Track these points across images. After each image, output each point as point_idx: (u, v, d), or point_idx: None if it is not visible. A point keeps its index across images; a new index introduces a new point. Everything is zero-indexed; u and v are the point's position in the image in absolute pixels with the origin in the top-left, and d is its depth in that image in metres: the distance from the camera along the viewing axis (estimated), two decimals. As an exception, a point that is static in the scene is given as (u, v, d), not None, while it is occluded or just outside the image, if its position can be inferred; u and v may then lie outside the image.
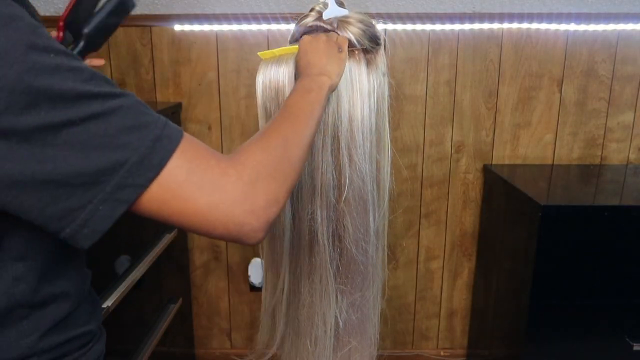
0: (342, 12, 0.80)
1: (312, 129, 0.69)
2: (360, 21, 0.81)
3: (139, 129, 0.51)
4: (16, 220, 0.50)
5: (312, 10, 0.83)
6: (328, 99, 0.80)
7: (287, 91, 0.84)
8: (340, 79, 0.79)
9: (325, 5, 0.80)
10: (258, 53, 0.89)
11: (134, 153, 0.49)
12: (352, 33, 0.80)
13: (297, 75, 0.80)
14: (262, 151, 0.60)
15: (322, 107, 0.74)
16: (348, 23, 0.80)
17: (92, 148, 0.48)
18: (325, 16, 0.80)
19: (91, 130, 0.48)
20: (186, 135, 0.54)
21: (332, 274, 0.85)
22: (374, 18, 0.84)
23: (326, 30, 0.81)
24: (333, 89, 0.78)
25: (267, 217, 0.56)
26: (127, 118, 0.50)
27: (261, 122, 0.89)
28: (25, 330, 0.59)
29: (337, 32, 0.81)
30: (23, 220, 0.50)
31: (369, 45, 0.81)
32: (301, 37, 0.84)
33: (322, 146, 0.81)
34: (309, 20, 0.82)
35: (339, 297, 0.88)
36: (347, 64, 0.80)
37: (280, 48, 0.84)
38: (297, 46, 0.81)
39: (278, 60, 0.84)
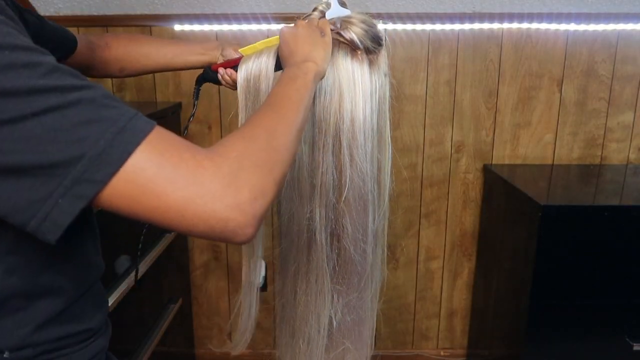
0: (345, 12, 0.80)
1: (300, 116, 0.66)
2: (363, 21, 0.81)
3: (98, 122, 0.48)
4: None
5: (314, 10, 0.83)
6: (328, 96, 0.80)
7: (267, 82, 0.83)
8: (327, 65, 0.77)
9: (328, 5, 0.80)
10: (239, 49, 0.87)
11: (91, 147, 0.47)
12: (354, 33, 0.80)
13: (283, 67, 0.78)
14: (244, 141, 0.57)
15: (309, 94, 0.71)
16: (351, 23, 0.80)
17: (48, 142, 0.47)
18: (328, 16, 0.80)
19: (47, 124, 0.47)
20: (157, 128, 0.52)
21: (328, 274, 0.85)
22: (375, 18, 0.84)
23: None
24: (321, 75, 0.75)
25: (253, 211, 0.52)
26: (86, 111, 0.49)
27: (241, 116, 0.88)
28: (21, 321, 0.59)
29: (340, 33, 0.80)
30: None
31: (371, 45, 0.81)
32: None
33: (323, 146, 0.81)
34: None
35: (335, 297, 0.88)
36: (349, 64, 0.80)
37: (261, 41, 0.83)
38: (277, 37, 0.80)
39: (259, 53, 0.82)
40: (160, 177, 0.49)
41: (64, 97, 0.48)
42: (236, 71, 0.87)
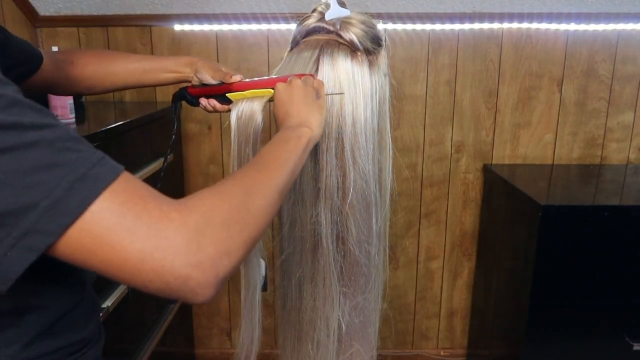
0: (344, 12, 0.79)
1: (284, 179, 0.63)
2: (363, 22, 0.81)
3: (56, 167, 0.44)
4: None
5: (314, 11, 0.82)
6: (329, 99, 0.80)
7: (260, 121, 0.81)
8: (322, 130, 0.75)
9: (327, 6, 0.79)
10: (227, 94, 0.84)
11: (46, 195, 0.43)
12: (354, 34, 0.79)
13: (277, 127, 0.77)
14: (217, 196, 0.54)
15: (300, 159, 0.68)
16: (350, 24, 0.80)
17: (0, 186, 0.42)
18: (327, 17, 0.79)
19: (0, 166, 0.42)
20: (124, 174, 0.48)
21: (335, 277, 0.85)
22: (375, 18, 0.83)
23: (329, 32, 0.81)
24: (315, 141, 0.73)
25: (215, 271, 0.48)
26: (45, 154, 0.44)
27: (233, 162, 0.86)
28: (8, 339, 0.57)
29: (340, 34, 0.80)
30: None
31: (371, 46, 0.80)
32: (302, 39, 0.83)
33: (327, 149, 0.80)
34: (312, 22, 0.82)
35: (342, 300, 0.88)
36: (349, 65, 0.79)
37: (251, 91, 0.80)
38: (270, 90, 0.78)
39: (250, 99, 0.81)
40: (119, 228, 0.45)
41: (20, 136, 0.43)
42: (218, 101, 0.86)
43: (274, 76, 0.82)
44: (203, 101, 0.89)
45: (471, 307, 2.15)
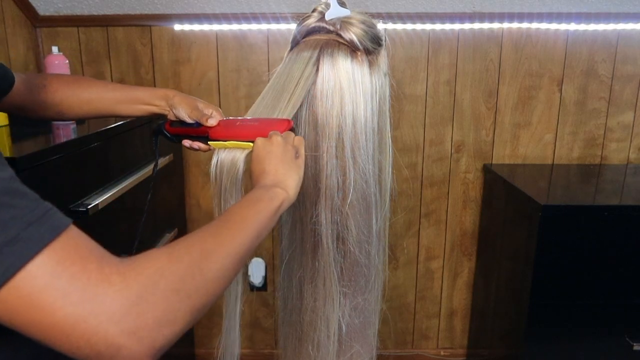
0: (345, 12, 0.79)
1: (248, 242, 0.59)
2: (363, 22, 0.80)
3: None
4: None
5: (314, 10, 0.82)
6: (330, 100, 0.79)
7: (241, 172, 0.76)
8: (297, 192, 0.71)
9: (327, 6, 0.79)
10: (209, 142, 0.80)
11: None
12: (354, 34, 0.79)
13: (252, 184, 0.73)
14: (169, 257, 0.49)
15: (269, 222, 0.64)
16: (350, 24, 0.79)
17: None
18: (327, 17, 0.79)
19: None
20: (68, 231, 0.45)
21: (336, 278, 0.85)
22: (375, 18, 0.83)
23: (329, 31, 0.80)
24: (288, 204, 0.69)
25: (153, 341, 0.45)
26: None
27: (215, 213, 0.80)
28: None
29: (340, 34, 0.80)
30: None
31: (371, 46, 0.80)
32: (302, 39, 0.83)
33: (327, 149, 0.80)
34: (312, 21, 0.81)
35: (342, 300, 0.88)
36: (349, 65, 0.79)
37: (232, 142, 0.76)
38: (249, 143, 0.74)
39: (231, 149, 0.77)
40: (52, 289, 0.41)
41: None
42: (202, 142, 0.83)
43: (257, 120, 0.78)
44: (186, 142, 0.86)
45: (471, 307, 2.15)
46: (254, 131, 0.75)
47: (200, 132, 0.83)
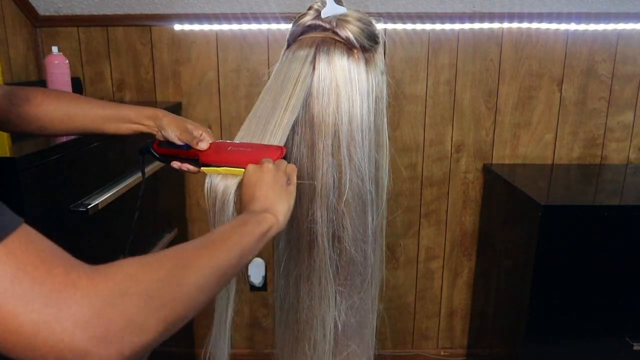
0: (341, 10, 0.79)
1: (228, 262, 0.57)
2: (359, 20, 0.80)
3: None
4: None
5: (310, 8, 0.82)
6: (326, 98, 0.79)
7: (232, 198, 0.74)
8: (287, 219, 0.70)
9: (324, 4, 0.79)
10: (201, 167, 0.79)
11: None
12: (350, 32, 0.79)
13: (241, 209, 0.72)
14: (143, 265, 0.48)
15: (254, 245, 0.63)
16: (347, 22, 0.79)
17: None
18: (323, 14, 0.79)
19: None
20: (23, 230, 0.42)
21: (331, 276, 0.84)
22: (373, 17, 0.83)
23: (325, 29, 0.80)
24: (277, 230, 0.68)
25: (121, 348, 0.42)
26: None
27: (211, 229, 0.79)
28: None
29: (336, 32, 0.80)
30: None
31: (368, 43, 0.80)
32: (299, 37, 0.83)
33: (323, 147, 0.80)
34: (307, 19, 0.81)
35: (338, 299, 0.88)
36: (346, 63, 0.79)
37: (225, 168, 0.75)
38: (241, 169, 0.74)
39: (224, 175, 0.77)
40: (13, 294, 0.39)
41: None
42: (191, 164, 0.82)
43: (249, 145, 0.77)
44: (175, 164, 0.85)
45: (471, 307, 2.15)
46: (245, 157, 0.74)
47: (190, 155, 0.82)
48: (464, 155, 2.00)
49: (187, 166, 0.84)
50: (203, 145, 0.80)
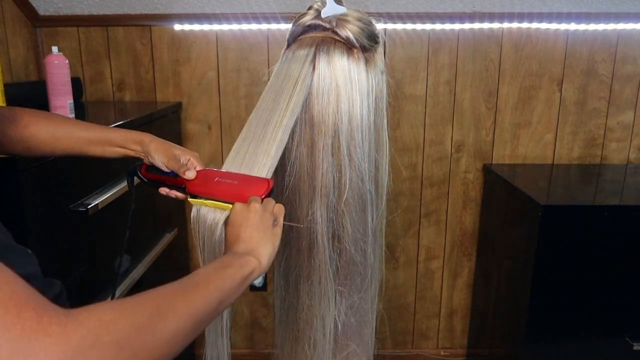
0: (341, 9, 0.79)
1: (208, 308, 0.56)
2: (359, 19, 0.80)
3: None
4: None
5: (310, 8, 0.82)
6: (326, 97, 0.79)
7: (220, 233, 0.74)
8: (270, 262, 0.69)
9: (324, 4, 0.79)
10: (189, 199, 0.78)
11: None
12: (350, 31, 0.79)
13: (225, 249, 0.72)
14: (118, 311, 0.46)
15: (235, 289, 0.62)
16: (346, 21, 0.79)
17: None
18: (323, 14, 0.79)
19: None
20: None
21: (331, 275, 0.84)
22: (373, 17, 0.83)
23: (325, 29, 0.80)
24: (259, 273, 0.67)
25: None
26: None
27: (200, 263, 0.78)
28: None
29: (336, 32, 0.80)
30: None
31: (368, 43, 0.80)
32: (299, 37, 0.83)
33: (323, 147, 0.80)
34: (307, 19, 0.81)
35: (338, 299, 0.88)
36: (346, 63, 0.79)
37: (212, 201, 0.75)
38: (228, 205, 0.73)
39: (212, 208, 0.76)
40: None
41: None
42: (179, 191, 0.82)
43: (237, 176, 0.76)
44: (163, 190, 0.85)
45: (471, 307, 2.15)
46: (232, 191, 0.74)
47: (178, 183, 0.81)
48: (464, 155, 2.00)
49: (175, 193, 0.83)
50: (190, 175, 0.79)
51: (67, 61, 1.41)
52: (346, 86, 0.79)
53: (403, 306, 2.16)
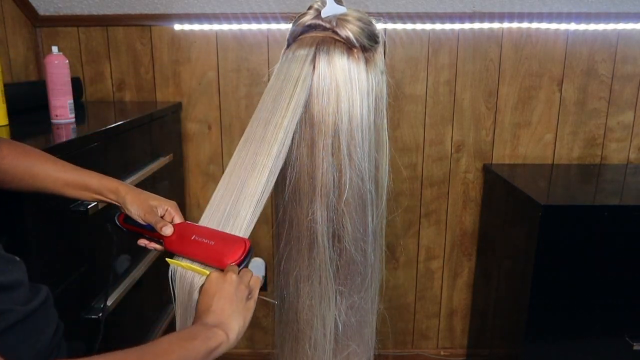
0: (341, 9, 0.79)
1: None
2: (359, 19, 0.80)
3: None
4: None
5: (310, 8, 0.82)
6: (326, 97, 0.79)
7: (196, 296, 0.72)
8: (239, 337, 0.68)
9: (324, 3, 0.79)
10: (166, 259, 0.77)
11: None
12: (350, 31, 0.79)
13: (195, 318, 0.70)
14: None
15: None
16: (346, 21, 0.79)
17: None
18: (323, 14, 0.79)
19: None
20: None
21: (331, 275, 0.84)
22: (373, 17, 0.83)
23: (325, 29, 0.80)
24: (225, 348, 0.66)
25: None
26: None
27: (178, 323, 0.77)
28: None
29: (336, 31, 0.80)
30: None
31: (368, 43, 0.80)
32: (298, 37, 0.83)
33: (323, 147, 0.80)
34: (307, 19, 0.81)
35: (338, 298, 0.88)
36: (346, 63, 0.79)
37: (188, 264, 0.74)
38: (205, 272, 0.72)
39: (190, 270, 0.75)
40: None
41: None
42: (159, 244, 0.82)
43: (214, 235, 0.74)
44: (142, 242, 0.84)
45: (471, 307, 2.15)
46: (208, 253, 0.73)
47: (155, 236, 0.81)
48: (464, 155, 2.00)
49: (154, 245, 0.83)
50: (167, 232, 0.79)
51: (67, 61, 1.41)
52: (346, 86, 0.79)
53: (403, 306, 2.16)
